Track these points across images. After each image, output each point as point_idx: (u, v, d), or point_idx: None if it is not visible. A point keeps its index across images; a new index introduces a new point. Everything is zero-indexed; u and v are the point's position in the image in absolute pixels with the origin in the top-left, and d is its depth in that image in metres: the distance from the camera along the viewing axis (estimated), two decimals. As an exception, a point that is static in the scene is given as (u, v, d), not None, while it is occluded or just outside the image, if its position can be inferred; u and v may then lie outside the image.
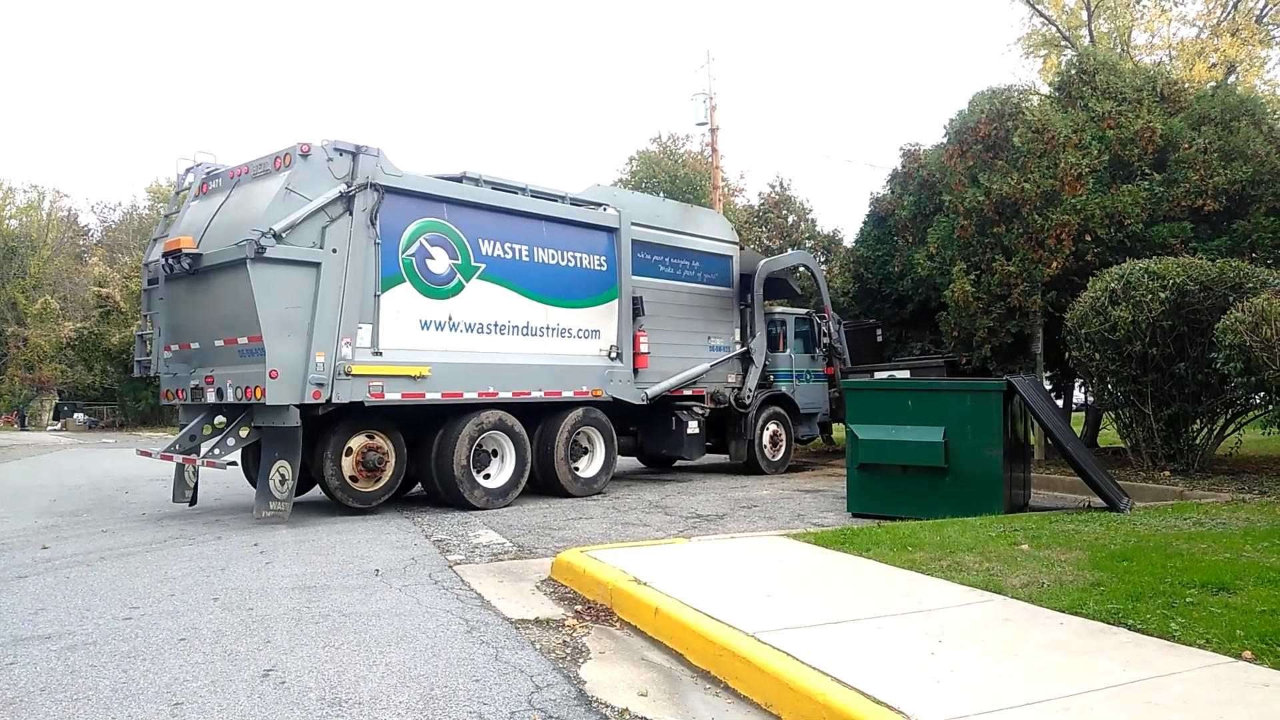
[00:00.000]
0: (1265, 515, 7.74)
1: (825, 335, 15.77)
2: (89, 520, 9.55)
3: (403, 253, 9.70)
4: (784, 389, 14.83)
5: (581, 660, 4.41)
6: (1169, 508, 8.60)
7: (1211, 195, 12.86)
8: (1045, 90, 17.22)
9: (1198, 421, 11.24)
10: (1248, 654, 3.85)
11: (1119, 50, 27.09)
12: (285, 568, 6.71)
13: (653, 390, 12.30)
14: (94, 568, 6.81)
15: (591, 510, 9.94)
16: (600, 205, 12.10)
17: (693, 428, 12.87)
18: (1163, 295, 10.45)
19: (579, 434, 11.39)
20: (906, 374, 14.56)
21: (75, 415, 50.75)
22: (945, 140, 14.77)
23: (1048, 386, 15.26)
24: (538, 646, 4.61)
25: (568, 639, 4.77)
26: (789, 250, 21.07)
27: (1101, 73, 14.60)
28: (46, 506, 11.00)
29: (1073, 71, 15.19)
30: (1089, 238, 12.75)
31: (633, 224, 12.29)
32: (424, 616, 5.20)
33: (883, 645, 4.09)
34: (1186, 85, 16.15)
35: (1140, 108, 13.83)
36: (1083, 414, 17.18)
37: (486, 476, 10.31)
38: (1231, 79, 25.64)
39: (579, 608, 5.41)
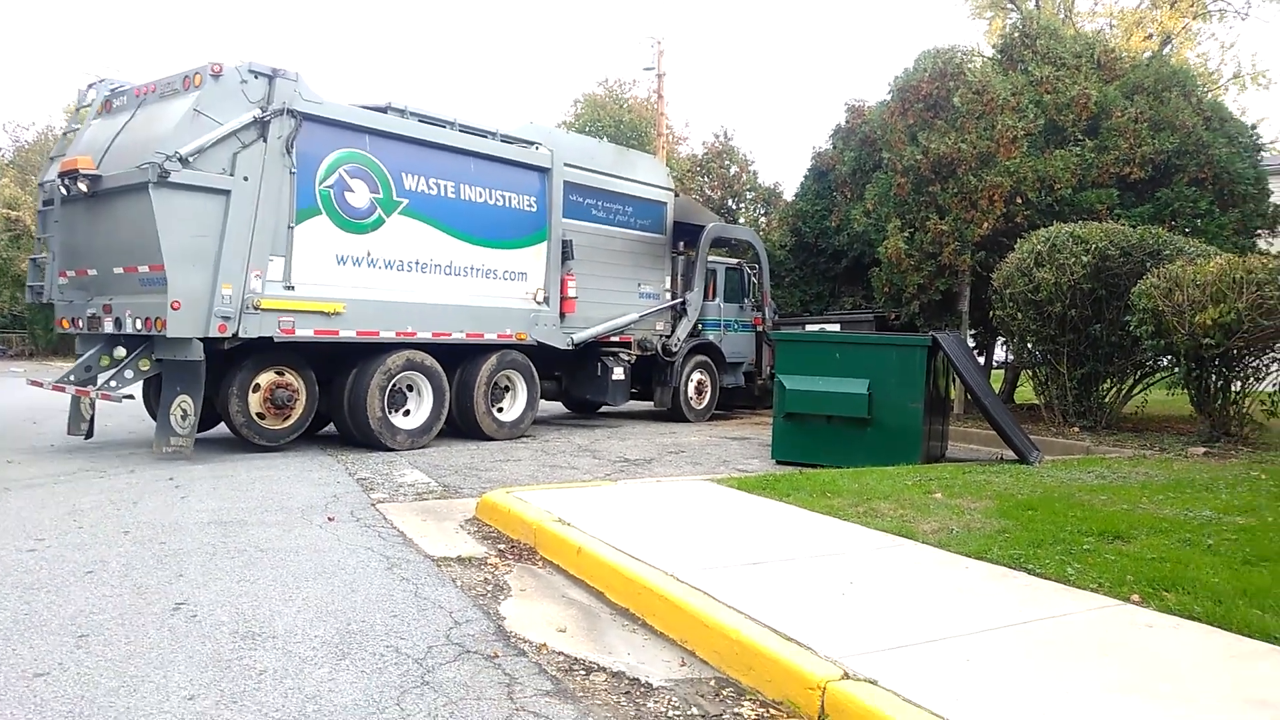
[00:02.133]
0: (1163, 470, 8.14)
1: (757, 285, 15.70)
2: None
3: (320, 184, 9.29)
4: (711, 338, 14.76)
5: (502, 597, 4.44)
6: (1075, 461, 8.97)
7: (1139, 164, 13.21)
8: (989, 52, 17.37)
9: (1108, 381, 11.70)
10: (1135, 597, 4.07)
11: (1062, 16, 27.47)
12: (201, 502, 6.57)
13: (580, 336, 12.13)
14: (-1, 499, 6.58)
15: (520, 453, 9.95)
16: (532, 144, 11.73)
17: (618, 374, 12.78)
18: (1085, 259, 10.77)
19: (501, 377, 11.18)
20: (837, 328, 14.79)
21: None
22: (889, 97, 14.84)
23: (971, 344, 15.67)
24: (458, 584, 4.62)
25: (489, 577, 4.79)
26: (729, 203, 21.07)
27: (1043, 37, 14.78)
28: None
29: (1015, 35, 15.35)
30: (1020, 200, 13.01)
31: (566, 165, 11.97)
32: (344, 553, 5.16)
33: (796, 586, 4.21)
34: (1123, 54, 16.48)
35: (1078, 74, 14.07)
36: (1003, 371, 17.72)
37: (405, 414, 10.10)
38: (1167, 50, 26.26)
39: (502, 547, 5.44)
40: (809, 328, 15.03)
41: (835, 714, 2.93)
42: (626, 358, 13.03)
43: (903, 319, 14.52)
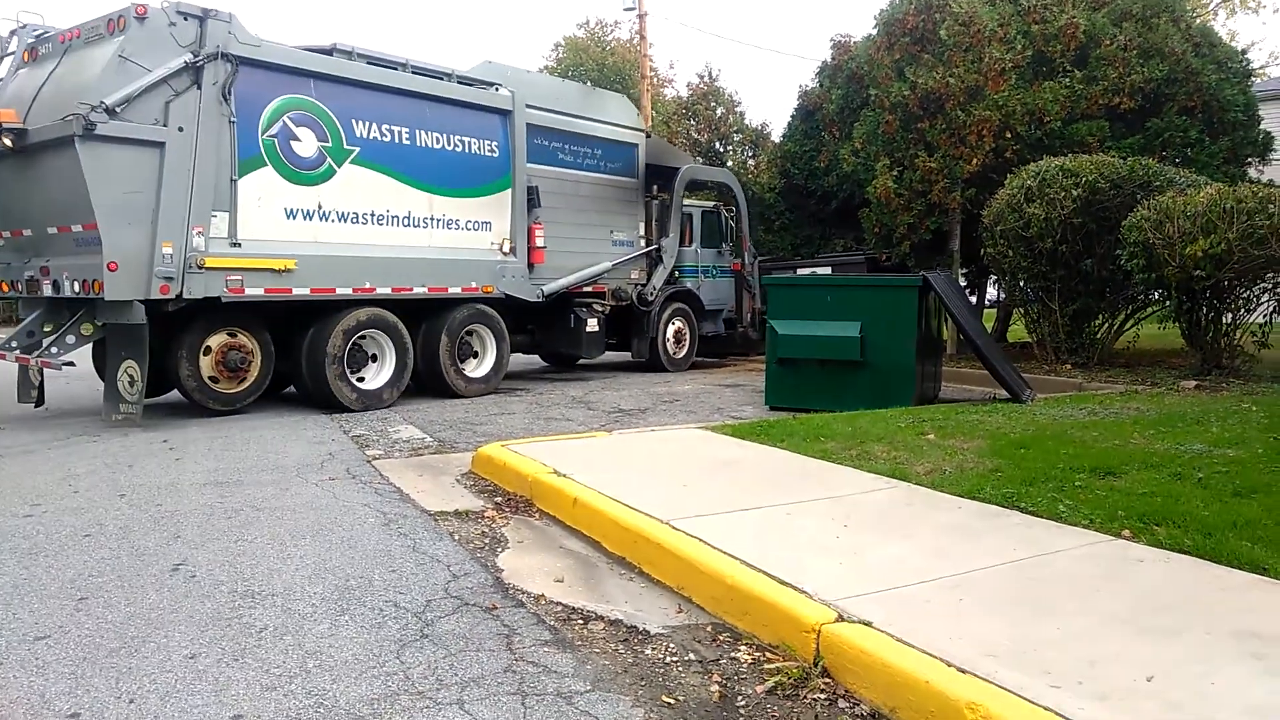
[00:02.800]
0: (1154, 405, 8.19)
1: (734, 230, 15.23)
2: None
3: (263, 133, 8.83)
4: (689, 285, 14.46)
5: (500, 550, 4.47)
6: (1067, 399, 9.02)
7: (1129, 93, 13.07)
8: (976, -18, 17.06)
9: (1100, 317, 11.72)
10: (1126, 533, 4.11)
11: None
12: (196, 464, 6.57)
13: (550, 287, 11.71)
14: (-8, 466, 6.57)
15: (514, 406, 9.96)
16: (492, 85, 11.19)
17: (592, 325, 12.45)
18: (1075, 193, 10.70)
19: (468, 332, 10.78)
20: (829, 270, 14.74)
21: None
22: (875, 32, 14.59)
23: (963, 283, 15.65)
24: (456, 537, 4.65)
25: (486, 530, 4.82)
26: (716, 146, 20.80)
27: (1031, -35, 14.48)
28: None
29: (1003, -37, 15.03)
30: (1009, 134, 12.89)
31: (529, 106, 11.39)
32: (340, 510, 5.18)
33: (791, 530, 4.24)
34: (1112, -20, 16.17)
35: (1066, 2, 13.83)
36: (995, 310, 17.74)
37: (361, 379, 9.70)
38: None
39: (499, 500, 5.46)
40: (800, 271, 14.98)
41: (831, 656, 2.97)
42: (600, 308, 12.68)
43: (894, 260, 14.46)
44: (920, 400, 8.90)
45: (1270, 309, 10.39)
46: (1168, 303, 10.78)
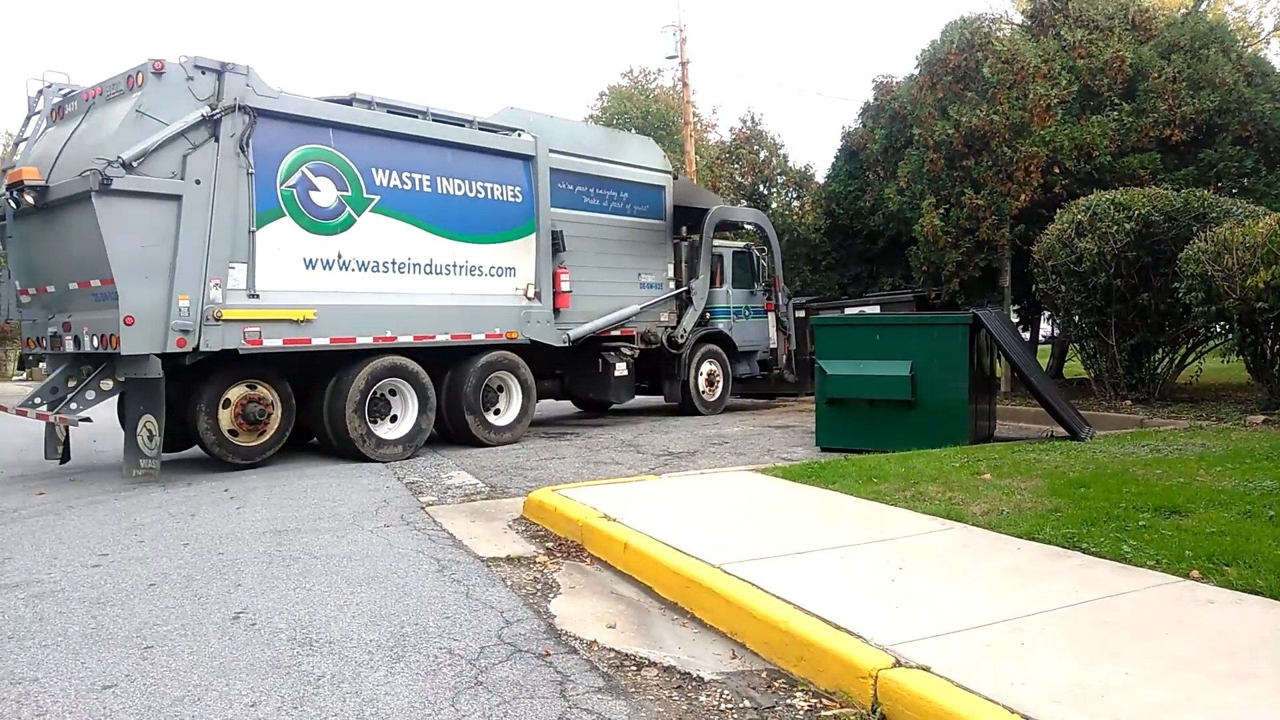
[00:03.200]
0: (1220, 441, 7.94)
1: (766, 270, 14.97)
2: (57, 469, 9.46)
3: (281, 184, 8.83)
4: (721, 326, 14.18)
5: (552, 595, 4.48)
6: (1128, 435, 8.79)
7: (1179, 125, 12.90)
8: (1018, 19, 17.08)
9: (1159, 351, 11.45)
10: (1195, 573, 3.98)
11: (1092, -22, 26.78)
12: (256, 512, 6.71)
13: (576, 332, 11.53)
14: (62, 516, 6.78)
15: (564, 450, 10.01)
16: (514, 131, 11.08)
17: (620, 370, 12.22)
18: (1128, 226, 10.54)
19: (493, 379, 10.61)
20: (877, 309, 14.65)
21: (40, 364, 49.69)
22: (917, 72, 14.64)
23: (1015, 320, 15.42)
24: (508, 583, 4.67)
25: (538, 575, 4.84)
26: (760, 189, 20.93)
27: (1074, 0, 14.47)
28: (14, 459, 10.90)
29: (1045, -1, 15.04)
30: (1057, 170, 12.78)
31: (552, 151, 11.33)
32: (395, 557, 5.24)
33: (845, 574, 4.19)
34: (1158, 13, 16.09)
35: (1111, 36, 13.77)
36: (1049, 346, 17.42)
37: (389, 423, 9.66)
38: (1202, 6, 25.46)
39: (550, 545, 5.48)
40: (848, 310, 14.90)
41: (889, 703, 2.92)
42: (629, 352, 12.48)
43: (943, 297, 14.31)
44: (975, 439, 8.74)
45: (1339, 339, 10.04)
46: (1230, 335, 10.49)
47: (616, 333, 12.35)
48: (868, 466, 7.05)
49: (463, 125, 10.63)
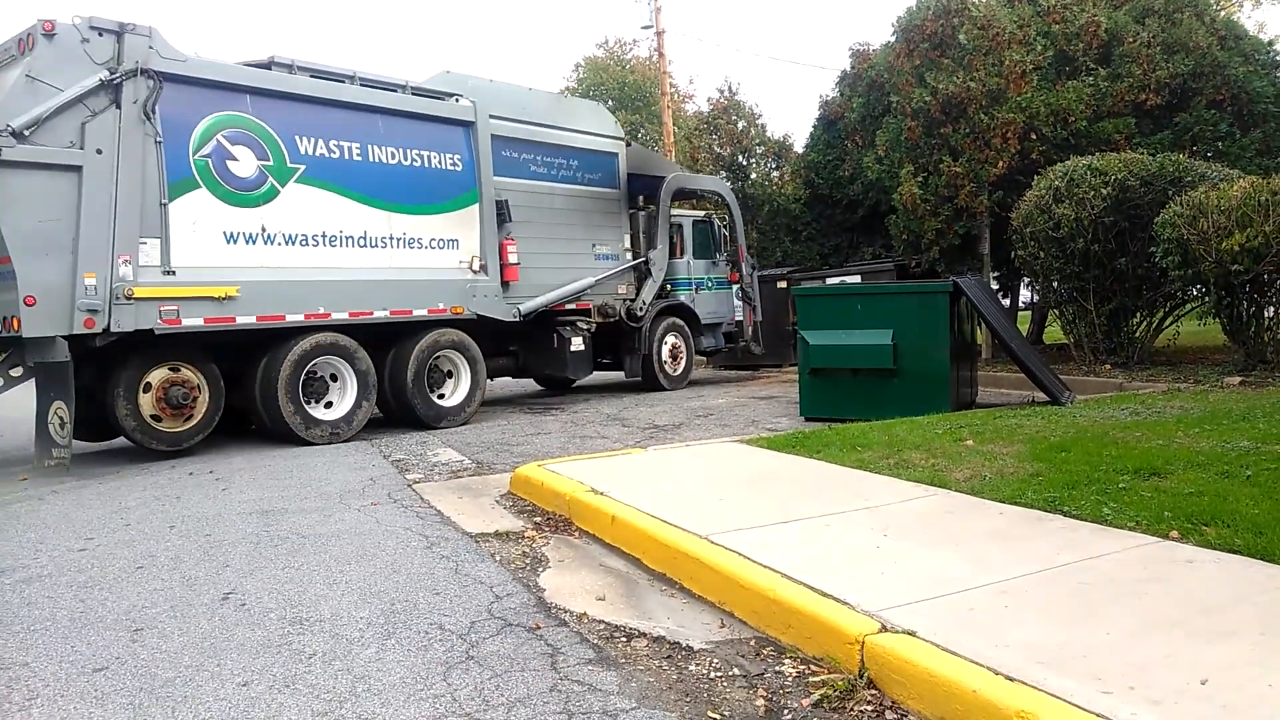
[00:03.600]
0: (1198, 402, 8.06)
1: (728, 240, 14.67)
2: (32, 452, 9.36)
3: (195, 153, 8.34)
4: (683, 298, 13.94)
5: (541, 569, 4.51)
6: (1108, 399, 8.90)
7: (1154, 89, 12.95)
8: (994, -15, 17.06)
9: (1137, 315, 11.57)
10: (1174, 534, 4.05)
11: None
12: (242, 493, 6.69)
13: (528, 306, 11.13)
14: (45, 501, 6.74)
15: (550, 425, 10.02)
16: (451, 96, 10.60)
17: (577, 344, 11.83)
18: (1105, 191, 10.60)
19: (438, 357, 10.16)
20: (858, 279, 14.70)
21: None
22: (893, 39, 14.61)
23: (995, 286, 15.52)
24: (497, 558, 4.69)
25: (527, 550, 4.86)
26: (739, 159, 20.83)
27: (1049, -35, 14.44)
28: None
29: (1021, -36, 14.99)
30: (1034, 136, 12.81)
31: (493, 117, 10.85)
32: (383, 535, 5.25)
33: (830, 541, 4.23)
34: (1133, -23, 16.06)
35: (1086, 1, 13.75)
36: (1029, 312, 17.56)
37: (327, 406, 9.29)
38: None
39: (538, 519, 5.50)
40: (829, 280, 14.95)
41: (875, 667, 2.97)
42: (585, 326, 12.07)
43: (923, 266, 14.39)
44: (957, 406, 8.83)
45: (1313, 301, 10.19)
46: (1206, 298, 10.61)
47: (572, 306, 11.97)
48: (851, 435, 7.10)
49: (394, 90, 10.16)
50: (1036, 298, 15.65)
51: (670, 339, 13.45)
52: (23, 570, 4.80)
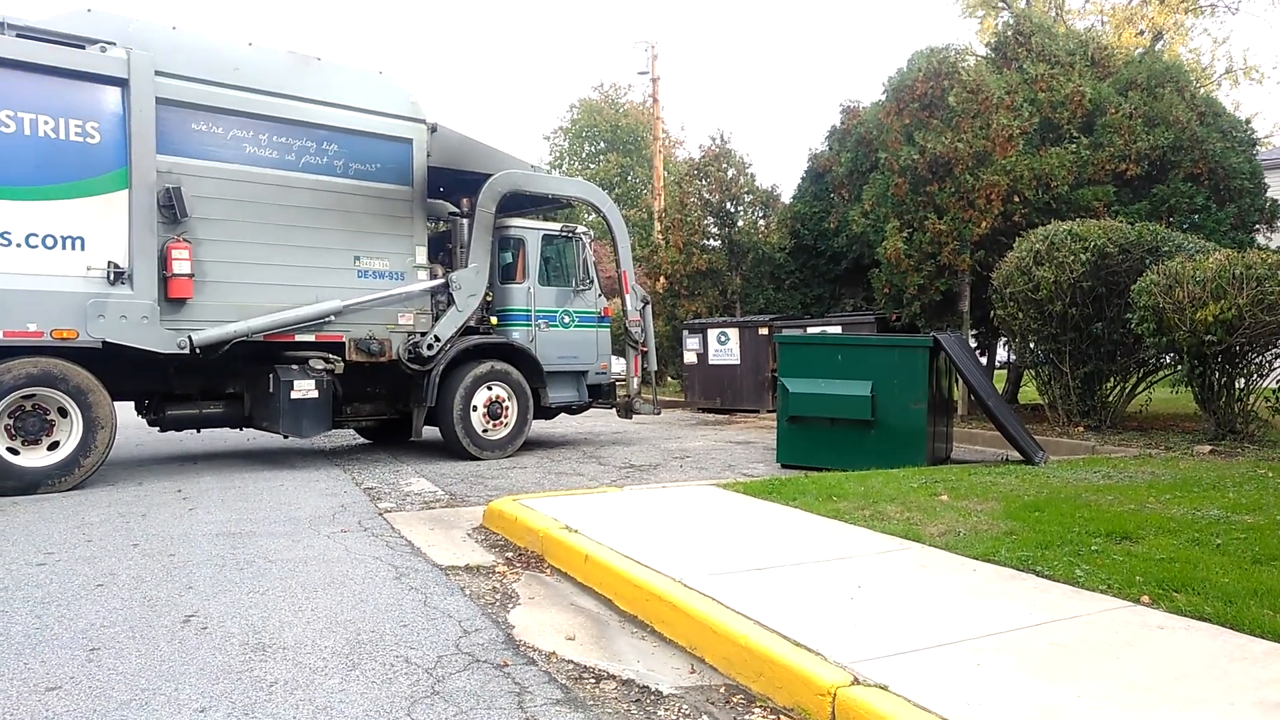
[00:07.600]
0: (1169, 469, 8.14)
1: (593, 262, 11.59)
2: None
3: None
4: (516, 336, 10.57)
5: (511, 606, 4.45)
6: (1081, 461, 8.97)
7: (1134, 160, 13.25)
8: (982, 51, 17.50)
9: (1111, 379, 11.70)
10: (1145, 599, 4.07)
11: (1053, 14, 27.56)
12: (209, 514, 6.58)
13: (208, 333, 8.31)
14: (6, 513, 6.59)
15: (526, 460, 9.95)
16: (93, 43, 7.92)
17: (302, 390, 8.84)
18: (1084, 257, 10.77)
19: (32, 400, 7.60)
20: (839, 329, 14.81)
21: None
22: (884, 98, 14.89)
23: (973, 344, 15.67)
24: (467, 592, 4.63)
25: (497, 585, 4.80)
26: (727, 206, 21.02)
27: (1037, 35, 14.84)
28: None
29: (1009, 33, 15.42)
30: (1017, 198, 13.04)
31: (173, 76, 8.19)
32: (352, 563, 5.17)
33: (804, 591, 4.21)
34: (1116, 51, 16.56)
35: (1072, 71, 14.11)
36: (1005, 371, 17.73)
37: None
38: (1159, 45, 26.33)
39: (510, 555, 5.44)
40: (810, 329, 15.06)
41: None
42: (324, 366, 9.16)
43: (904, 320, 14.51)
44: (932, 461, 8.86)
45: (1283, 374, 10.37)
46: (1179, 367, 10.76)
47: (309, 338, 9.07)
48: (827, 484, 7.10)
49: None
50: (1013, 357, 15.80)
51: (491, 390, 10.10)
52: (-22, 582, 4.68)
